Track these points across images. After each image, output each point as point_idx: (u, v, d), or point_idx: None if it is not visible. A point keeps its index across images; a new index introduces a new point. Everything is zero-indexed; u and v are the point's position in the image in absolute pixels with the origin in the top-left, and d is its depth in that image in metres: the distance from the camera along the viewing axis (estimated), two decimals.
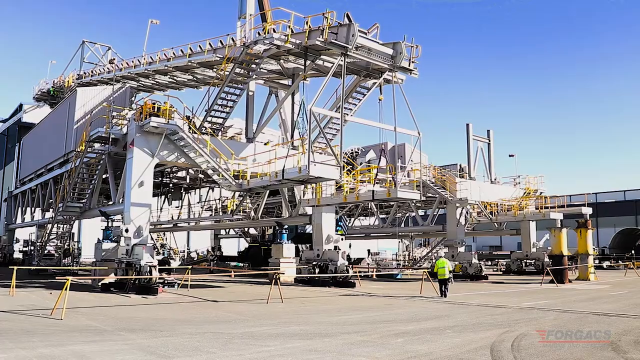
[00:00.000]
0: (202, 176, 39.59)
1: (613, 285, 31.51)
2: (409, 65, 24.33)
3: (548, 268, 32.72)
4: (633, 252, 69.42)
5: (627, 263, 53.07)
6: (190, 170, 39.16)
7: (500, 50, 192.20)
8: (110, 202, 30.94)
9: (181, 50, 29.31)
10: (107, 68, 40.23)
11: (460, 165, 42.81)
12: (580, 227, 36.38)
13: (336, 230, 32.36)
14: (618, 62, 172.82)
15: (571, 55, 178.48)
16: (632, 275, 41.27)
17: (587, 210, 39.91)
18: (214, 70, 28.23)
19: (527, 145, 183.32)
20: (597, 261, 49.79)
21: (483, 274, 36.57)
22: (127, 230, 23.73)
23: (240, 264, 48.03)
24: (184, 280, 25.64)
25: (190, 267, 30.48)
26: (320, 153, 27.89)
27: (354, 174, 30.85)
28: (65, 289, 15.40)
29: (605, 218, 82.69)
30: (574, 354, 10.25)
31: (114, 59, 43.82)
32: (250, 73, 26.35)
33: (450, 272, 23.66)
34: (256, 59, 25.30)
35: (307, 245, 39.37)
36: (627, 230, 77.28)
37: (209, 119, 26.64)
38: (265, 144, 29.44)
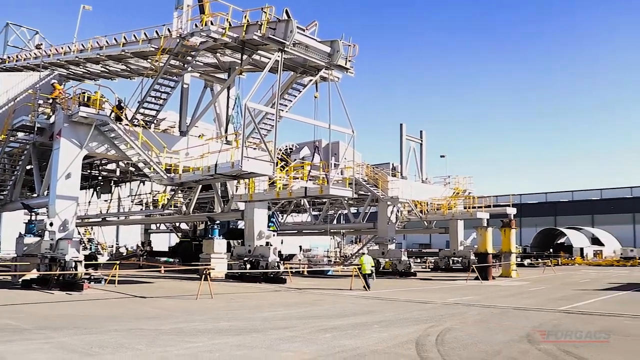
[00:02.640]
0: (133, 169, 38.59)
1: (532, 281, 33.05)
2: (346, 64, 24.63)
3: (474, 265, 33.93)
4: (551, 250, 73.04)
5: (546, 261, 55.82)
6: (121, 163, 38.08)
7: (441, 49, 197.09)
8: (35, 195, 29.66)
9: (115, 39, 28.42)
10: (34, 53, 38.42)
11: (392, 165, 43.68)
12: (504, 227, 37.83)
13: (268, 226, 32.36)
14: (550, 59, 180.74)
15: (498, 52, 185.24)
16: (549, 272, 43.44)
17: (512, 211, 41.55)
18: (149, 61, 27.57)
19: (458, 146, 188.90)
20: (519, 259, 52.11)
21: (412, 271, 37.42)
22: (51, 224, 22.84)
23: (171, 260, 47.19)
24: (112, 276, 24.97)
25: (118, 262, 29.75)
26: (254, 148, 27.79)
27: (287, 171, 30.93)
28: None
29: (528, 218, 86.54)
30: (493, 347, 10.73)
31: (41, 44, 41.86)
32: (186, 65, 25.91)
33: (372, 267, 25.54)
34: (192, 51, 24.91)
35: (239, 241, 39.15)
36: (546, 230, 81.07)
37: (141, 110, 25.99)
38: (199, 137, 29.05)
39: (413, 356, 9.65)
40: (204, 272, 22.90)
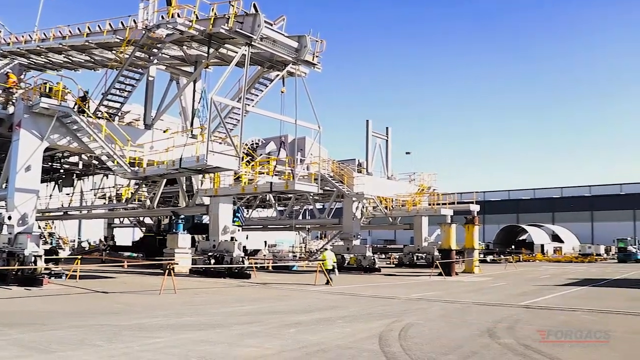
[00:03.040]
0: (96, 162, 37.87)
1: (494, 277, 33.69)
2: (313, 59, 24.65)
3: (437, 261, 34.41)
4: (513, 247, 74.60)
5: (508, 257, 56.98)
6: (84, 156, 37.30)
7: (409, 46, 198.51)
8: None
9: (78, 28, 27.77)
10: None
11: (358, 161, 43.91)
12: (468, 223, 38.45)
13: (233, 221, 32.18)
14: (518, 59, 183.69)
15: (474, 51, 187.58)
16: (511, 268, 44.38)
17: (475, 208, 42.17)
18: (113, 52, 27.05)
19: (424, 143, 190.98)
20: (482, 255, 53.04)
21: (376, 267, 37.74)
22: (10, 218, 22.26)
23: (135, 254, 46.51)
24: (73, 271, 24.52)
25: (80, 257, 29.23)
26: (220, 143, 27.60)
27: (253, 165, 30.80)
28: None
29: (491, 215, 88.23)
30: (455, 341, 10.90)
31: (0, 32, 40.72)
32: (151, 57, 25.56)
33: (334, 263, 26.38)
34: (158, 43, 24.56)
35: (204, 235, 38.88)
36: (509, 227, 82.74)
37: (105, 102, 25.55)
38: (164, 131, 28.68)
39: (376, 351, 9.74)
40: (168, 267, 22.67)
